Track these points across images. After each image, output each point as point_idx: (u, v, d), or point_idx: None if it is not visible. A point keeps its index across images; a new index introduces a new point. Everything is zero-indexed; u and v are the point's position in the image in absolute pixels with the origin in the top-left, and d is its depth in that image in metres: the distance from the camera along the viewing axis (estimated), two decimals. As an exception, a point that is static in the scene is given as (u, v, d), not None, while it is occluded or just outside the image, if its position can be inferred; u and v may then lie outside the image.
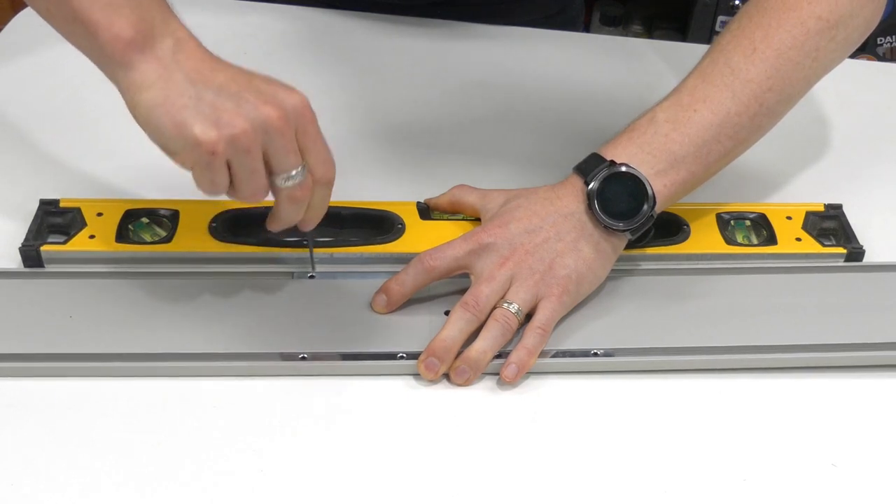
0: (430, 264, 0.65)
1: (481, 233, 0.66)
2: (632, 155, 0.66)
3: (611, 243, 0.67)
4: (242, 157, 0.56)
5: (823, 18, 0.67)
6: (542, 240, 0.65)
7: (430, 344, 0.62)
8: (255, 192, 0.58)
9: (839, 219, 0.76)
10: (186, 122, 0.54)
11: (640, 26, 2.06)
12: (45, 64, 0.91)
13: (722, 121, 0.67)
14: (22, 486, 0.55)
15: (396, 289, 0.65)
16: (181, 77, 0.55)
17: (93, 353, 0.62)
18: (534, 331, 0.63)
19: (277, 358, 0.63)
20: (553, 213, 0.66)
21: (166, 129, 0.55)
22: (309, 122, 0.57)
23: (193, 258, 0.69)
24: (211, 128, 0.54)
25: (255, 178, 0.57)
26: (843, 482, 0.59)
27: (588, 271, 0.66)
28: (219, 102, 0.55)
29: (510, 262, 0.64)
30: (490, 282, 0.64)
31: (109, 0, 0.55)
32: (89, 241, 0.69)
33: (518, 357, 0.62)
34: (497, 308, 0.63)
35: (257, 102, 0.55)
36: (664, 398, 0.63)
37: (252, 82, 0.56)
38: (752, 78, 0.67)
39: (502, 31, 1.00)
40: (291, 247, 0.70)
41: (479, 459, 0.59)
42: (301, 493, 0.56)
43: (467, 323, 0.63)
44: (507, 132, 0.87)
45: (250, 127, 0.55)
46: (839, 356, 0.66)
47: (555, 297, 0.64)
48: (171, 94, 0.55)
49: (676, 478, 0.58)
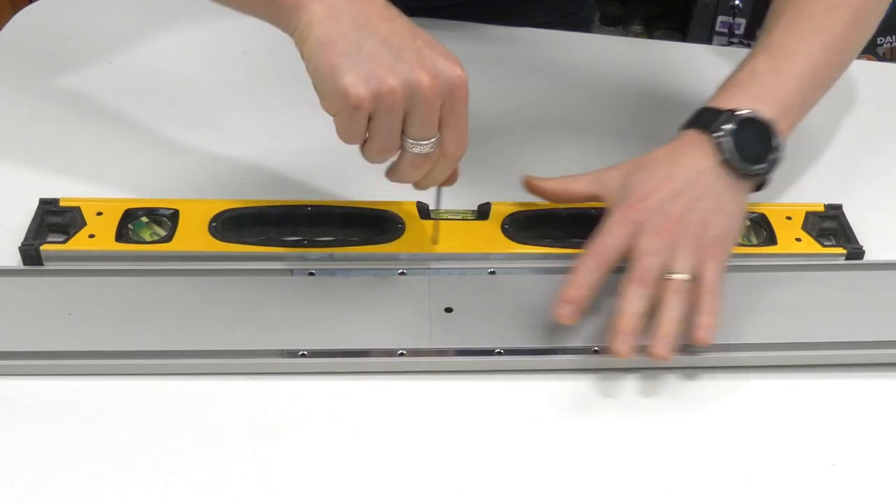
0: (603, 259, 0.64)
1: (630, 211, 0.65)
2: (744, 104, 0.67)
3: (745, 188, 0.68)
4: (383, 114, 0.56)
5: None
6: (687, 202, 0.65)
7: (615, 323, 0.62)
8: (385, 149, 0.58)
9: (839, 219, 0.76)
10: (341, 68, 0.54)
11: (640, 26, 2.06)
12: (45, 64, 0.91)
13: (815, 71, 0.69)
14: (21, 485, 0.55)
15: (582, 294, 0.63)
16: (348, 18, 0.55)
17: (92, 351, 0.62)
18: (709, 293, 0.63)
19: (277, 355, 0.63)
20: (687, 173, 0.66)
21: (322, 70, 0.55)
22: (459, 99, 0.57)
23: (193, 257, 0.69)
24: (361, 82, 0.54)
25: (389, 137, 0.57)
26: (843, 482, 0.59)
27: (734, 222, 0.66)
28: (377, 54, 0.55)
29: (666, 232, 0.64)
30: (654, 255, 0.63)
31: None
32: (89, 240, 0.69)
33: (706, 320, 0.63)
34: (668, 280, 0.63)
35: (414, 64, 0.55)
36: (663, 397, 0.63)
37: (416, 42, 0.56)
38: (836, 31, 0.70)
39: (514, 33, 0.99)
40: (291, 246, 0.70)
41: (479, 458, 0.59)
42: (301, 491, 0.56)
43: (644, 298, 0.63)
44: (511, 132, 0.87)
45: (399, 87, 0.55)
46: (839, 354, 0.66)
47: (715, 257, 0.64)
48: (334, 35, 0.55)
49: (676, 478, 0.58)
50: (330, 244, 0.71)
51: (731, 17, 1.95)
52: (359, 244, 0.71)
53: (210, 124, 0.83)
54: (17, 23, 0.96)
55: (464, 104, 0.57)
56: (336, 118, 0.57)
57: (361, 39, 0.55)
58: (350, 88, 0.54)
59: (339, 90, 0.55)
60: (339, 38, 0.55)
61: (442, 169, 0.61)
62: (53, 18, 0.97)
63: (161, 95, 0.86)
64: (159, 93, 0.86)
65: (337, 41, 0.55)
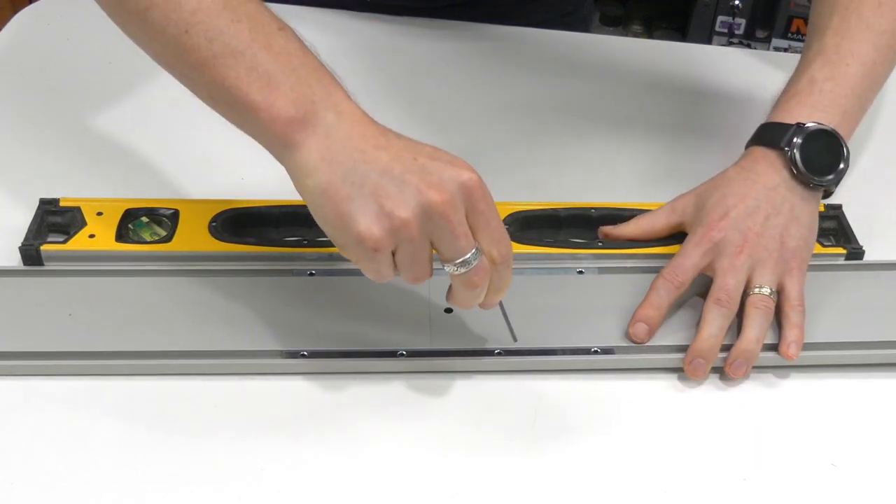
0: (678, 280, 0.65)
1: (708, 231, 0.66)
2: (808, 115, 0.69)
3: (816, 198, 0.69)
4: (406, 246, 0.54)
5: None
6: (763, 218, 0.66)
7: (693, 345, 0.63)
8: (419, 277, 0.56)
9: (839, 219, 0.76)
10: (350, 214, 0.53)
11: (640, 26, 2.06)
12: (45, 64, 0.91)
13: (870, 72, 0.71)
14: (21, 485, 0.55)
15: (655, 314, 0.65)
16: (344, 158, 0.53)
17: (92, 351, 0.62)
18: (795, 308, 0.65)
19: (278, 356, 0.63)
20: (760, 190, 0.67)
21: (331, 220, 0.54)
22: (479, 199, 0.54)
23: (193, 257, 0.69)
24: (374, 223, 0.52)
25: (418, 265, 0.55)
26: (843, 482, 0.59)
27: (810, 234, 0.68)
28: (381, 188, 0.53)
29: (746, 249, 0.65)
30: (734, 272, 0.65)
31: (268, 80, 0.53)
32: (89, 240, 0.69)
33: (795, 335, 0.64)
34: (751, 295, 0.65)
35: (421, 185, 0.53)
36: (664, 397, 0.63)
37: (417, 159, 0.54)
38: (886, 29, 0.71)
39: (513, 32, 0.99)
40: (291, 246, 0.70)
41: (479, 458, 0.59)
42: (301, 491, 0.56)
43: (724, 318, 0.64)
44: (510, 132, 0.87)
45: (413, 216, 0.53)
46: (839, 354, 0.66)
47: (796, 269, 0.66)
48: (334, 179, 0.53)
49: (676, 478, 0.58)
50: (330, 244, 0.70)
51: (731, 17, 1.95)
52: (359, 244, 0.71)
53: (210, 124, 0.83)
54: (17, 23, 0.97)
55: (486, 203, 0.55)
56: (359, 264, 0.55)
57: (362, 178, 0.53)
58: (365, 233, 0.52)
59: (354, 237, 0.53)
60: (339, 181, 0.53)
61: (499, 278, 0.57)
62: (53, 18, 0.97)
63: (161, 95, 0.86)
64: (159, 93, 0.86)
65: (338, 186, 0.53)
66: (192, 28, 0.54)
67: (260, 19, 0.55)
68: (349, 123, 0.54)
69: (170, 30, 0.55)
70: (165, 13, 0.54)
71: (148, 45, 0.58)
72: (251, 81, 0.53)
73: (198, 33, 0.54)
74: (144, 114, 0.85)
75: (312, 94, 0.54)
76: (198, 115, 0.84)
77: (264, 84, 0.53)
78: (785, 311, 0.65)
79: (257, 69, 0.54)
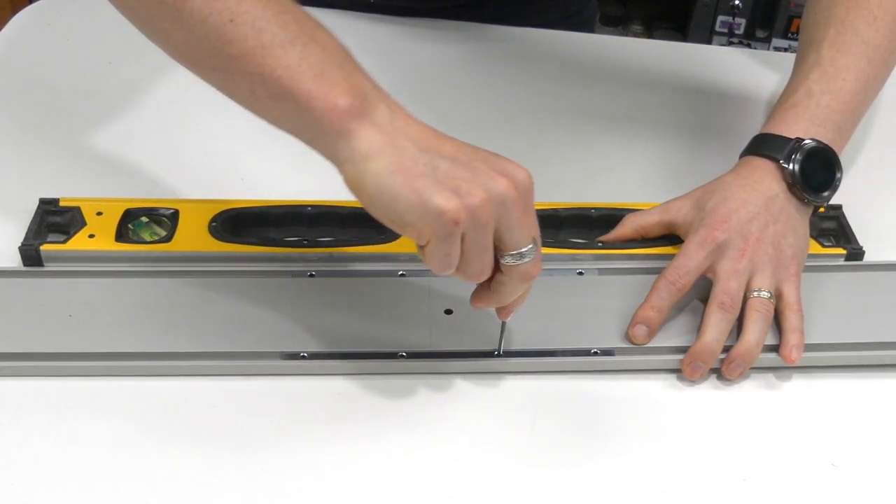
0: (681, 282, 0.66)
1: (712, 232, 0.67)
2: (805, 129, 0.69)
3: (808, 213, 0.70)
4: (478, 232, 0.53)
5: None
6: (763, 224, 0.67)
7: (694, 348, 0.64)
8: (480, 272, 0.55)
9: (839, 219, 0.76)
10: (426, 190, 0.51)
11: (640, 26, 2.06)
12: (45, 64, 0.91)
13: (865, 86, 0.72)
14: (21, 486, 0.55)
15: (655, 315, 0.65)
16: (409, 144, 0.52)
17: (92, 352, 0.62)
18: (794, 312, 0.65)
19: (278, 357, 0.63)
20: (760, 198, 0.68)
21: (404, 197, 0.51)
22: (532, 198, 0.55)
23: (193, 257, 0.69)
24: (452, 196, 0.51)
25: (484, 256, 0.54)
26: (843, 482, 0.59)
27: (804, 244, 0.69)
28: (454, 171, 0.52)
29: (748, 253, 0.66)
30: (737, 276, 0.65)
31: (319, 71, 0.52)
32: (89, 240, 0.69)
33: (796, 339, 0.65)
34: (751, 298, 0.65)
35: (491, 173, 0.53)
36: (663, 397, 0.63)
37: (479, 153, 0.54)
38: (880, 44, 0.72)
39: (516, 33, 0.99)
40: (291, 246, 0.70)
41: (479, 458, 0.59)
42: (301, 492, 0.56)
43: (727, 322, 0.64)
44: (512, 132, 0.87)
45: (488, 199, 0.52)
46: (839, 355, 0.66)
47: (793, 275, 0.67)
48: (404, 160, 0.52)
49: (676, 478, 0.58)
50: (330, 244, 0.71)
51: (731, 17, 1.95)
52: (359, 245, 0.71)
53: (210, 124, 0.83)
54: (17, 23, 0.96)
55: (533, 204, 0.55)
56: (430, 245, 0.53)
57: (433, 161, 0.52)
58: (445, 205, 0.51)
59: (432, 211, 0.51)
60: (411, 163, 0.52)
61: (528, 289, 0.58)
62: (53, 18, 0.97)
63: (161, 95, 0.86)
64: (159, 93, 0.86)
65: (409, 166, 0.52)
66: (238, 17, 0.53)
67: (301, 13, 0.55)
68: (402, 117, 0.54)
69: (212, 19, 0.53)
70: (208, 2, 0.53)
71: (181, 36, 0.55)
72: (304, 71, 0.52)
73: (244, 23, 0.53)
74: (144, 114, 0.85)
75: (363, 85, 0.54)
76: (198, 116, 0.85)
77: (317, 73, 0.52)
78: (785, 315, 0.65)
79: (308, 59, 0.53)
